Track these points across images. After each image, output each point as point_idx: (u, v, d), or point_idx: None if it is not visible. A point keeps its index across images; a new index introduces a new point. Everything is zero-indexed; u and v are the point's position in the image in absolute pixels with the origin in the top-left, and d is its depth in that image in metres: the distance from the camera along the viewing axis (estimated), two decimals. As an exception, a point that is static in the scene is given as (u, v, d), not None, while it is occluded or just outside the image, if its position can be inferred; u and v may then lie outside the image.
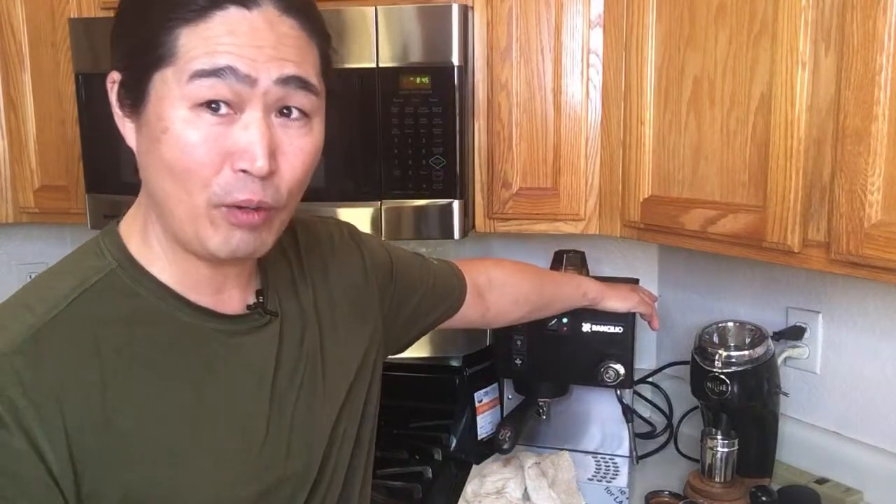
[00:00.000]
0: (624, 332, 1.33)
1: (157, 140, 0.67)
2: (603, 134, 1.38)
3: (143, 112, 0.68)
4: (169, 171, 0.67)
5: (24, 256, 2.05)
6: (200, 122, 0.66)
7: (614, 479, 1.40)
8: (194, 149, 0.66)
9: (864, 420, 1.34)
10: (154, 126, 0.67)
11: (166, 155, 0.66)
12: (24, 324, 0.67)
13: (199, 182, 0.67)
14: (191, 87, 0.65)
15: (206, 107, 0.66)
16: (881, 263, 0.95)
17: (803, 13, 1.02)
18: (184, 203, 0.68)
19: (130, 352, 0.70)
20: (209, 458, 0.73)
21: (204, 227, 0.69)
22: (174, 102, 0.66)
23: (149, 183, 0.71)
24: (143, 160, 0.70)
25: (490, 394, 1.57)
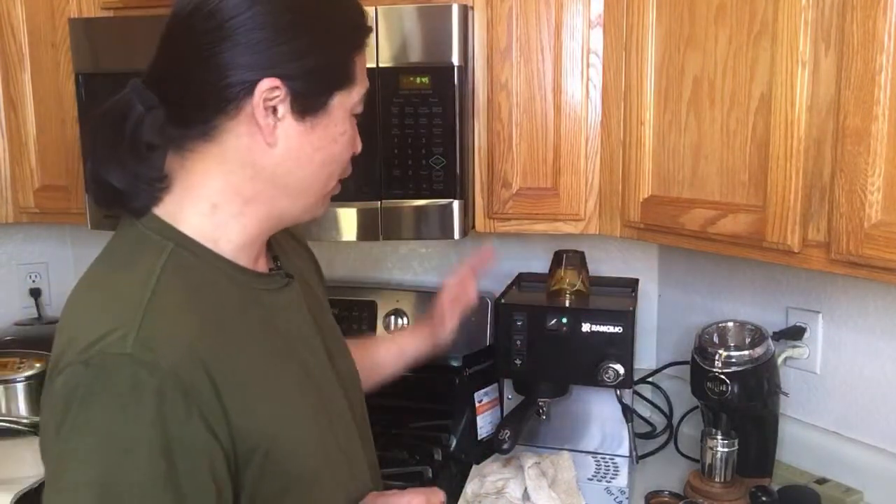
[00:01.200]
0: (624, 332, 1.32)
1: (332, 140, 0.82)
2: (603, 134, 1.38)
3: (318, 118, 0.80)
4: (332, 162, 0.83)
5: (24, 256, 2.05)
6: (353, 125, 0.85)
7: (614, 479, 1.40)
8: (351, 145, 0.85)
9: (864, 420, 1.34)
10: (331, 130, 0.81)
11: (337, 151, 0.83)
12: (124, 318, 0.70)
13: (343, 168, 0.86)
14: (358, 103, 0.84)
15: (355, 115, 0.85)
16: (881, 263, 0.95)
17: (803, 13, 1.02)
18: (324, 185, 0.84)
19: (221, 316, 0.78)
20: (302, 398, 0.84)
21: (321, 201, 0.86)
22: (347, 113, 0.83)
23: (285, 173, 0.80)
24: (294, 156, 0.80)
25: (490, 394, 1.57)
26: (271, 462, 0.76)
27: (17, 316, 2.00)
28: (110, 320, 0.70)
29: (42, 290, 2.04)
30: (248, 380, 0.76)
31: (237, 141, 0.78)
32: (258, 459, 0.75)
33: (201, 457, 0.70)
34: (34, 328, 1.91)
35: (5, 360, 1.72)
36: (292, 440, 0.80)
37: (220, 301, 0.79)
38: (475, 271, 1.32)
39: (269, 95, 0.76)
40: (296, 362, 0.86)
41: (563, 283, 1.43)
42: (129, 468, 0.66)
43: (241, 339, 0.78)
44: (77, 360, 0.68)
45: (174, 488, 0.67)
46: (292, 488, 0.79)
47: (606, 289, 1.52)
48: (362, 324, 1.76)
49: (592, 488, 1.38)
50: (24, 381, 1.69)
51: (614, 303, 1.42)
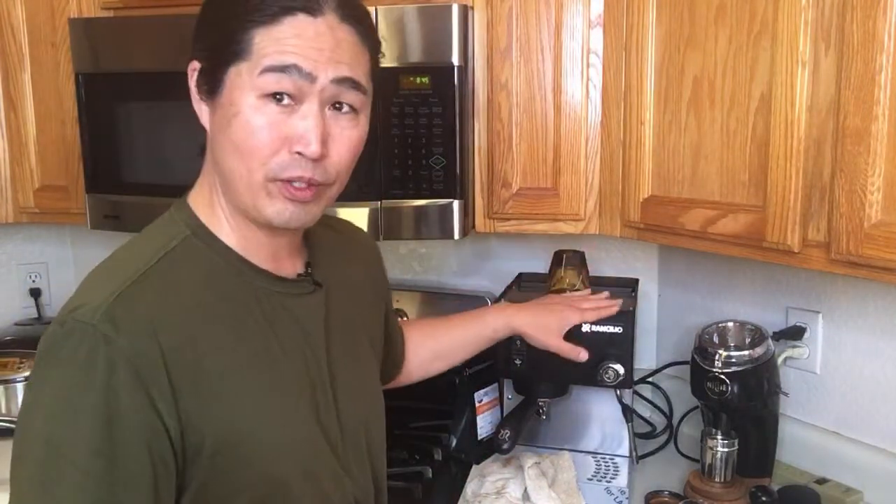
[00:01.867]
0: (624, 332, 1.32)
1: (228, 123, 0.78)
2: (603, 134, 1.38)
3: (218, 98, 0.79)
4: (235, 150, 0.78)
5: (24, 256, 2.05)
6: (266, 110, 0.77)
7: (614, 479, 1.40)
8: (259, 131, 0.77)
9: (864, 420, 1.34)
10: (227, 110, 0.78)
11: (235, 136, 0.78)
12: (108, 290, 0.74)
13: (260, 160, 0.78)
14: (260, 80, 0.76)
15: (272, 97, 0.77)
16: (881, 263, 0.95)
17: (803, 13, 1.02)
18: (244, 177, 0.79)
19: (210, 306, 0.80)
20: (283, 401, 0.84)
21: (261, 198, 0.80)
22: (245, 92, 0.77)
23: (217, 160, 0.81)
24: (214, 139, 0.81)
25: (490, 394, 1.57)
26: (226, 460, 0.77)
27: (17, 316, 2.01)
28: (93, 292, 0.75)
29: (42, 290, 2.04)
30: (214, 374, 0.77)
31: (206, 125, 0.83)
32: (207, 454, 0.76)
33: (141, 432, 0.72)
34: (34, 328, 1.91)
35: (5, 360, 1.72)
36: (258, 443, 0.79)
37: (217, 292, 0.81)
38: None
39: (191, 77, 0.81)
40: (289, 368, 0.85)
41: (563, 282, 1.43)
42: (72, 429, 0.70)
43: (222, 333, 0.79)
44: (58, 321, 0.74)
45: (108, 457, 0.70)
46: (249, 493, 0.79)
47: (606, 289, 1.52)
48: (362, 324, 1.76)
49: (592, 488, 1.38)
50: (24, 381, 1.69)
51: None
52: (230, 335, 0.80)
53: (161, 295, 0.76)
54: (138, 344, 0.72)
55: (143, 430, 0.72)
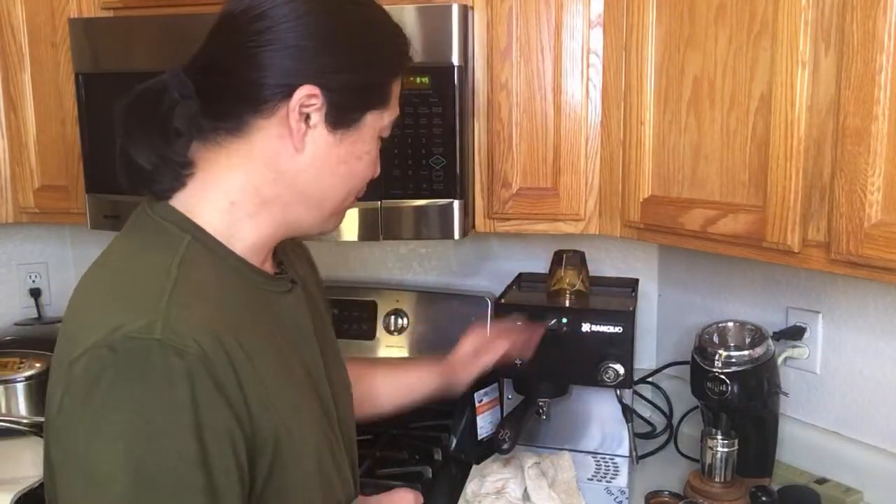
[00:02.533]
0: (624, 331, 1.32)
1: (357, 157, 0.84)
2: (603, 134, 1.38)
3: (348, 132, 0.82)
4: (350, 178, 0.85)
5: (24, 256, 2.05)
6: (378, 147, 0.88)
7: (614, 479, 1.40)
8: (374, 166, 0.88)
9: (864, 420, 1.34)
10: (357, 147, 0.84)
11: (359, 168, 0.85)
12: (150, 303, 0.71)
13: (362, 185, 0.88)
14: (386, 126, 0.87)
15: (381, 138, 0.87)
16: (881, 263, 0.95)
17: (803, 13, 1.02)
18: (342, 200, 0.86)
19: (236, 309, 0.79)
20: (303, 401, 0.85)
21: (335, 217, 0.88)
22: (374, 133, 0.85)
23: (306, 181, 0.82)
24: (318, 165, 0.82)
25: (490, 394, 1.57)
26: (279, 460, 0.77)
27: (17, 316, 2.00)
28: (134, 307, 0.71)
29: (42, 290, 2.04)
30: (263, 374, 0.77)
31: (266, 142, 0.80)
32: (268, 456, 0.76)
33: (228, 441, 0.71)
34: (34, 328, 1.91)
35: (5, 360, 1.72)
36: (297, 441, 0.80)
37: (232, 295, 0.80)
38: (511, 340, 1.29)
39: (305, 102, 0.78)
40: (299, 365, 0.86)
41: (563, 283, 1.43)
42: (163, 450, 0.67)
43: (254, 335, 0.79)
44: (102, 345, 0.68)
45: (206, 470, 0.69)
46: (289, 489, 0.80)
47: (606, 289, 1.52)
48: (362, 324, 1.76)
49: (592, 488, 1.38)
50: (24, 381, 1.69)
51: (614, 303, 1.42)
52: (258, 336, 0.79)
53: (201, 301, 0.75)
54: (209, 351, 0.70)
55: (229, 438, 0.71)
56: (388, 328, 1.74)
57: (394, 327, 1.74)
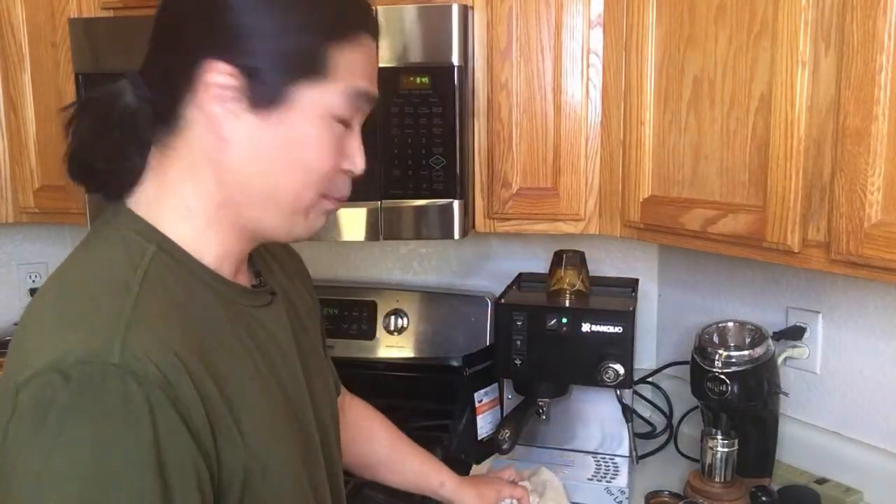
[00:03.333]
0: (624, 331, 1.33)
1: (293, 140, 0.72)
2: (603, 134, 1.38)
3: (277, 113, 0.71)
4: (294, 167, 0.73)
5: (24, 256, 2.05)
6: (334, 129, 0.74)
7: (614, 479, 1.40)
8: (328, 154, 0.74)
9: (864, 420, 1.34)
10: (291, 128, 0.71)
11: (301, 154, 0.72)
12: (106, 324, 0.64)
13: (320, 178, 0.74)
14: (340, 103, 0.73)
15: (339, 120, 0.74)
16: (881, 263, 0.95)
17: (803, 13, 1.02)
18: (297, 195, 0.74)
19: (204, 328, 0.71)
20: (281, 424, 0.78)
21: (298, 216, 0.76)
22: (317, 111, 0.72)
23: (254, 177, 0.73)
24: (253, 155, 0.72)
25: (490, 394, 1.57)
26: (249, 493, 0.70)
27: (17, 316, 1.99)
28: (89, 327, 0.63)
29: (42, 290, 2.04)
30: (235, 402, 0.70)
31: (200, 136, 0.72)
32: (236, 492, 0.69)
33: (193, 476, 0.64)
34: (34, 328, 1.91)
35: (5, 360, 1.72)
36: (270, 473, 0.73)
37: (204, 313, 0.72)
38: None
39: (218, 80, 0.69)
40: (278, 387, 0.79)
41: (563, 283, 1.43)
42: (121, 493, 0.60)
43: (227, 357, 0.72)
44: (53, 369, 0.60)
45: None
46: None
47: (606, 289, 1.52)
48: (362, 324, 1.76)
49: (592, 488, 1.38)
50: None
51: (614, 303, 1.42)
52: (232, 358, 0.73)
53: (165, 322, 0.67)
54: (173, 378, 0.63)
55: (195, 473, 0.64)
56: (387, 328, 1.74)
57: (394, 327, 1.74)
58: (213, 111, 0.70)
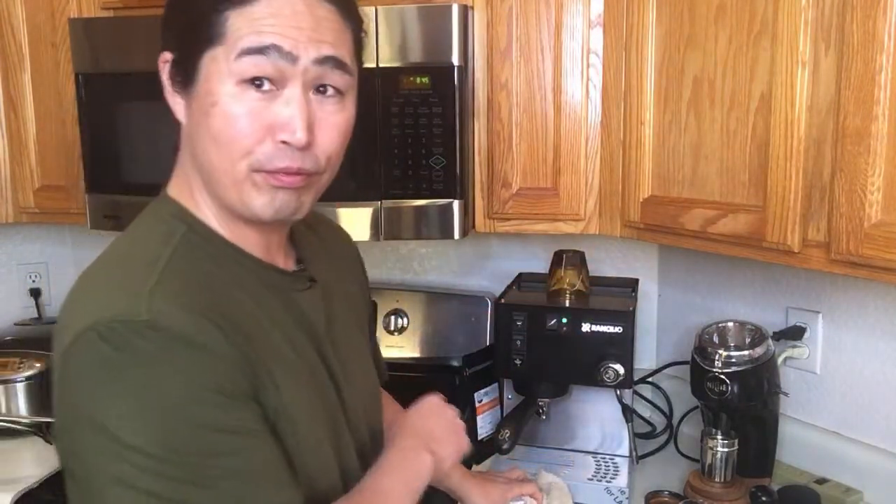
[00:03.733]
0: (624, 332, 1.33)
1: (206, 113, 0.74)
2: (603, 134, 1.38)
3: (194, 88, 0.75)
4: (215, 142, 0.74)
5: (24, 256, 2.05)
6: (246, 97, 0.73)
7: (614, 479, 1.40)
8: (239, 121, 0.73)
9: (864, 420, 1.34)
10: (203, 100, 0.74)
11: (214, 126, 0.73)
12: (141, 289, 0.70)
13: (242, 150, 0.74)
14: (238, 65, 0.72)
15: (251, 83, 0.73)
16: (881, 263, 0.95)
17: (803, 13, 1.02)
18: (228, 171, 0.75)
19: (232, 294, 0.77)
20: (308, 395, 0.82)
21: (248, 191, 0.76)
22: (222, 78, 0.73)
23: (196, 154, 0.78)
24: (192, 133, 0.77)
25: (490, 394, 1.57)
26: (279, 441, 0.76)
27: (17, 316, 2.00)
28: (120, 294, 0.71)
29: (42, 290, 2.04)
30: (263, 356, 0.75)
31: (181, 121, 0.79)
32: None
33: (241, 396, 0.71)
34: (34, 328, 1.91)
35: (5, 360, 1.72)
36: (299, 426, 0.78)
37: (233, 283, 0.78)
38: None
39: (162, 69, 0.77)
40: (303, 363, 0.83)
41: (563, 283, 1.43)
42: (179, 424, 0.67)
43: (254, 321, 0.77)
44: (92, 330, 0.67)
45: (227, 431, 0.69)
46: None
47: (606, 289, 1.52)
48: (362, 324, 1.76)
49: (592, 488, 1.38)
50: (24, 381, 1.69)
51: (614, 303, 1.42)
52: (259, 324, 0.77)
53: (188, 287, 0.73)
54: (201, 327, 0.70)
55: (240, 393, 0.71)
56: (388, 328, 1.74)
57: (394, 327, 1.74)
58: (167, 96, 0.78)
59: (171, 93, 0.78)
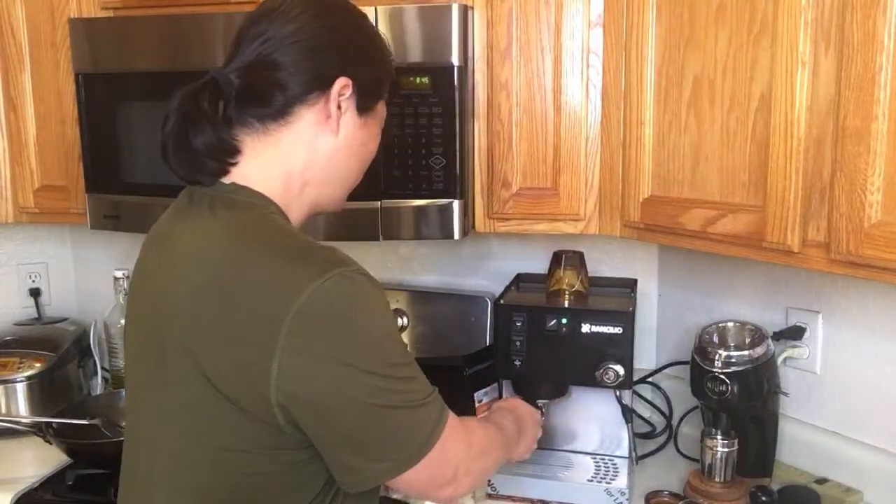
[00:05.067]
0: (623, 332, 1.32)
1: (372, 138, 1.01)
2: (603, 134, 1.38)
3: (365, 117, 0.98)
4: (363, 160, 1.01)
5: (24, 256, 2.05)
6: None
7: (614, 480, 1.40)
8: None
9: (864, 420, 1.34)
10: (371, 129, 1.00)
11: (370, 149, 1.01)
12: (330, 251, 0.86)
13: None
14: (384, 113, 1.03)
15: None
16: (881, 263, 0.95)
17: (803, 13, 1.02)
18: (356, 178, 1.02)
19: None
20: None
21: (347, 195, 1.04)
22: (380, 121, 1.02)
23: (332, 163, 0.96)
24: (345, 146, 0.96)
25: (490, 394, 1.57)
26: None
27: (17, 316, 2.00)
28: (316, 255, 0.84)
29: (42, 290, 2.04)
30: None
31: (307, 128, 0.92)
32: None
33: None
34: (34, 328, 1.91)
35: (5, 360, 1.72)
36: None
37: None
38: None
39: (341, 91, 0.93)
40: None
41: (563, 283, 1.43)
42: (399, 338, 0.90)
43: None
44: (331, 278, 0.81)
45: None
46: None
47: (605, 289, 1.52)
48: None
49: (592, 489, 1.38)
50: (24, 381, 1.69)
51: (614, 303, 1.41)
52: None
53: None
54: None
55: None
56: (387, 328, 1.74)
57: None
58: (332, 112, 0.93)
59: (341, 111, 0.94)
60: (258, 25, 0.91)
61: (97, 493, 1.43)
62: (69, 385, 1.79)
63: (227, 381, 0.82)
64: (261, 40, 0.90)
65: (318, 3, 0.94)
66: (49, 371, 1.72)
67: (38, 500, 1.43)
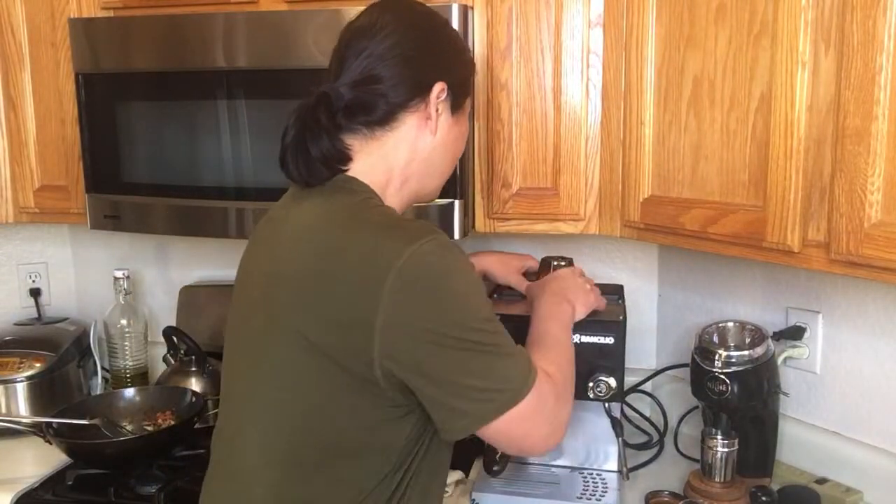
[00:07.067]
0: (615, 342, 1.28)
1: (463, 134, 1.10)
2: (603, 134, 1.38)
3: (460, 115, 1.07)
4: (458, 152, 1.11)
5: (24, 256, 2.05)
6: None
7: (603, 497, 1.34)
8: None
9: (864, 420, 1.34)
10: (462, 127, 1.09)
11: (461, 144, 1.11)
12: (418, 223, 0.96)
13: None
14: (469, 107, 1.11)
15: None
16: (881, 263, 0.95)
17: (803, 13, 1.02)
18: (451, 169, 1.12)
19: None
20: None
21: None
22: (467, 113, 1.10)
23: (432, 158, 1.05)
24: (442, 144, 1.05)
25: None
26: None
27: (18, 316, 2.00)
28: (418, 222, 0.96)
29: (42, 290, 2.04)
30: None
31: (409, 130, 1.01)
32: None
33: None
34: (34, 328, 1.91)
35: (5, 360, 1.72)
36: None
37: None
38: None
39: (439, 95, 1.02)
40: None
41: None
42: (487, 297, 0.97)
43: None
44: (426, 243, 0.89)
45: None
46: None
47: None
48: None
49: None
50: (24, 381, 1.69)
51: (604, 312, 1.33)
52: None
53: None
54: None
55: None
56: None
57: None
58: (432, 114, 1.02)
59: (438, 112, 1.02)
60: (360, 42, 0.99)
61: (97, 493, 1.43)
62: (69, 385, 1.78)
63: (329, 338, 0.89)
64: (363, 55, 0.98)
65: (407, 15, 1.02)
66: (49, 371, 1.72)
67: (38, 500, 1.43)
